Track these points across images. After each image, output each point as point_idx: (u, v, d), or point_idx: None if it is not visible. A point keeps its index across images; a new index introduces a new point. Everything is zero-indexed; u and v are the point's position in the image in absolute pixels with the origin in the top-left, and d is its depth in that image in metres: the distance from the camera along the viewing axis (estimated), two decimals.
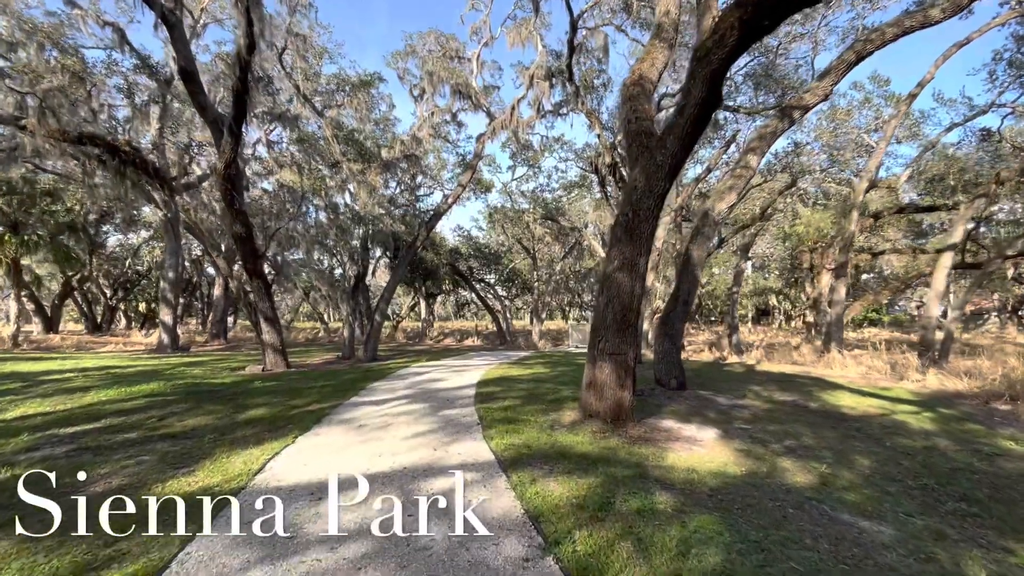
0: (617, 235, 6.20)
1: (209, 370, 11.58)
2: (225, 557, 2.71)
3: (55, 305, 30.22)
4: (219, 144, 10.15)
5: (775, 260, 27.39)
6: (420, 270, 23.53)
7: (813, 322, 28.72)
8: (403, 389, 8.64)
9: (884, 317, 45.91)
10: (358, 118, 18.41)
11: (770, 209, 18.72)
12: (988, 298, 41.36)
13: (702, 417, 7.35)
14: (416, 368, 12.22)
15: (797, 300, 42.48)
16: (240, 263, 11.82)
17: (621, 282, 6.13)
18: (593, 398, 6.30)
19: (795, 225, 21.56)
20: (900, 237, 23.68)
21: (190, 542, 2.90)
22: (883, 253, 19.33)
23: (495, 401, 7.44)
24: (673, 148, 5.60)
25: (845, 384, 11.05)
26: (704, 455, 5.39)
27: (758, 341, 24.76)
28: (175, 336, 18.00)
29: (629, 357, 6.25)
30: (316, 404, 7.15)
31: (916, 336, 26.82)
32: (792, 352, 17.41)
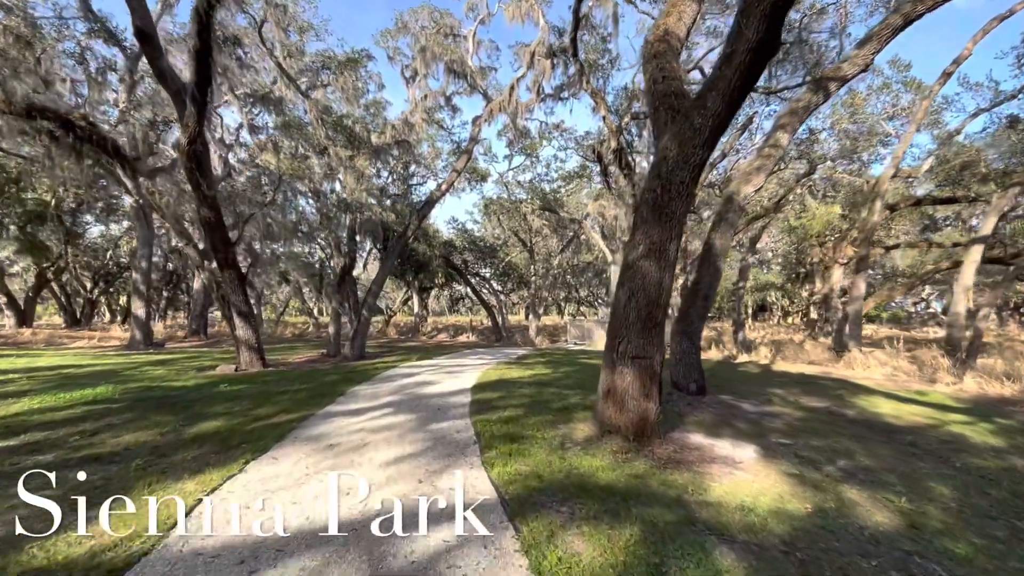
0: (643, 215, 5.17)
1: (175, 370, 10.47)
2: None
3: (29, 298, 28.81)
4: (182, 116, 9.00)
5: (779, 255, 26.48)
6: (412, 262, 22.40)
7: (818, 318, 27.96)
8: (388, 394, 7.59)
9: (883, 314, 45.35)
10: (345, 99, 17.20)
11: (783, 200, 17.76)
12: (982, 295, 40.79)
13: (732, 429, 6.38)
14: (406, 368, 11.16)
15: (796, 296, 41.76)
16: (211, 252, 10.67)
17: (647, 272, 5.11)
18: (612, 410, 5.29)
19: (801, 218, 20.63)
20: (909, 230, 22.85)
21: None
22: (896, 247, 18.46)
23: (494, 410, 6.41)
24: (716, 107, 4.57)
25: (874, 387, 10.14)
26: (751, 483, 4.41)
27: (760, 338, 23.92)
28: (148, 331, 16.82)
29: (655, 361, 5.24)
30: (284, 414, 6.09)
31: (940, 334, 26.12)
32: (798, 349, 16.52)
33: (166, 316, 37.38)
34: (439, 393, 7.64)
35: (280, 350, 17.29)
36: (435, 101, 20.08)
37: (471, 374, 9.96)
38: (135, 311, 16.65)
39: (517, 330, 30.23)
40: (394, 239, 15.09)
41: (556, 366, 11.79)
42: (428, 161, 23.66)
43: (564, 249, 29.70)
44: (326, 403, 6.78)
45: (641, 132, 16.49)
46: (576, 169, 25.89)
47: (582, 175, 25.92)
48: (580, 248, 34.01)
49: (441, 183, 15.71)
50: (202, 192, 9.58)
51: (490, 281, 31.15)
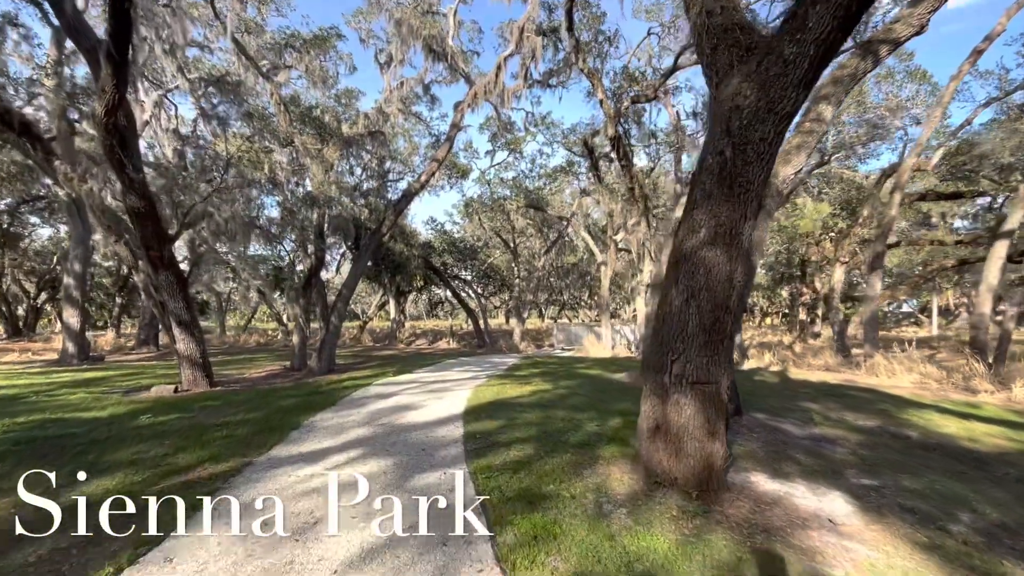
0: (704, 188, 3.79)
1: (99, 392, 8.62)
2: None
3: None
4: (98, 80, 7.25)
5: (768, 254, 25.70)
6: (388, 263, 20.65)
7: (808, 320, 27.28)
8: (358, 426, 6.01)
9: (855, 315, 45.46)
10: (313, 83, 15.50)
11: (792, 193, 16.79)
12: (957, 295, 41.21)
13: (794, 464, 5.06)
14: (380, 387, 9.52)
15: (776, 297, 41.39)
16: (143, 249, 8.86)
17: (712, 264, 3.72)
18: (664, 454, 3.88)
19: (792, 217, 19.75)
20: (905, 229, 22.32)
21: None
22: (898, 244, 17.72)
23: (497, 450, 4.91)
24: (822, 28, 3.22)
25: (915, 399, 9.03)
26: (878, 563, 3.07)
27: (747, 340, 22.97)
28: (83, 343, 14.69)
29: (722, 387, 3.86)
30: (210, 464, 4.46)
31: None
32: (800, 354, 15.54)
33: (119, 325, 34.42)
34: (422, 423, 6.09)
35: (239, 362, 15.39)
36: (412, 89, 18.56)
37: (460, 393, 8.43)
38: (67, 320, 14.51)
39: (499, 335, 28.71)
40: (367, 237, 13.43)
41: (554, 379, 10.35)
42: (404, 157, 22.06)
43: (549, 249, 28.34)
44: (273, 442, 5.16)
45: (640, 120, 15.24)
46: (562, 165, 24.60)
47: (568, 171, 24.64)
48: (564, 249, 32.74)
49: (420, 174, 14.13)
50: (127, 176, 7.81)
51: (472, 284, 29.53)
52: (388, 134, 20.20)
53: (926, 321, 37.42)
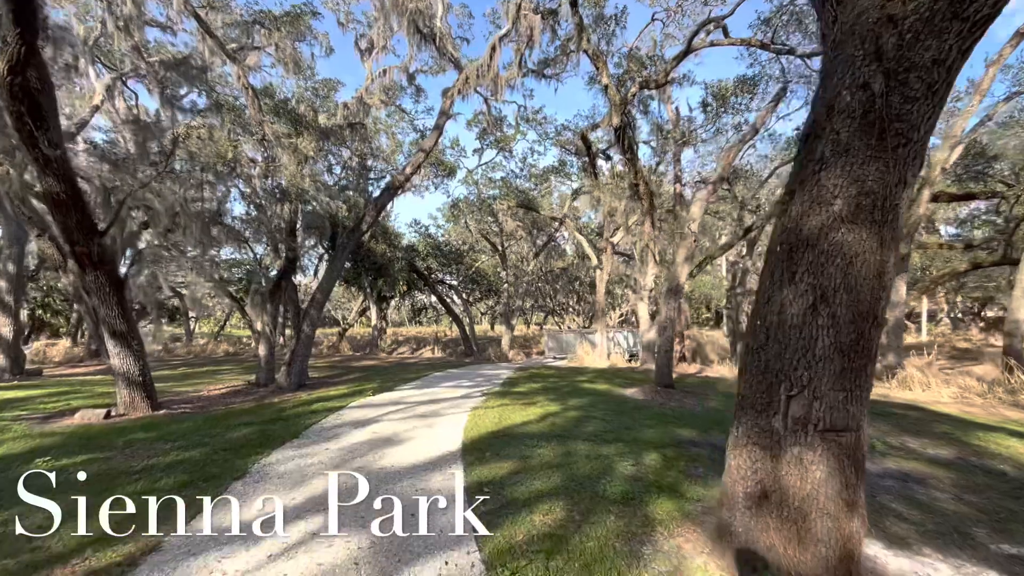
0: (839, 139, 2.55)
1: (11, 419, 7.00)
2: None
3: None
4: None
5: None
6: (369, 265, 19.12)
7: None
8: (324, 470, 4.59)
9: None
10: (285, 66, 14.05)
11: None
12: (934, 300, 41.10)
13: (905, 523, 3.86)
14: (356, 410, 8.04)
15: None
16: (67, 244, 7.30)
17: (853, 252, 2.47)
18: (778, 536, 2.59)
19: None
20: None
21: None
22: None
23: (516, 516, 3.55)
24: None
25: (967, 417, 7.98)
26: None
27: None
28: (16, 355, 12.82)
29: (863, 437, 2.61)
30: (101, 549, 3.02)
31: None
32: None
33: (77, 333, 31.90)
34: (409, 467, 4.69)
35: (199, 376, 13.70)
36: (396, 78, 17.24)
37: (453, 418, 7.04)
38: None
39: (486, 342, 27.31)
40: (344, 235, 11.98)
41: (560, 396, 9.03)
42: (387, 155, 20.63)
43: (540, 252, 27.11)
44: (198, 509, 3.72)
45: (647, 109, 14.13)
46: (553, 164, 23.44)
47: (560, 171, 23.48)
48: (553, 253, 31.54)
49: (405, 166, 12.75)
50: (40, 151, 6.30)
51: (458, 289, 28.09)
52: (370, 128, 18.79)
53: (911, 327, 37.17)
